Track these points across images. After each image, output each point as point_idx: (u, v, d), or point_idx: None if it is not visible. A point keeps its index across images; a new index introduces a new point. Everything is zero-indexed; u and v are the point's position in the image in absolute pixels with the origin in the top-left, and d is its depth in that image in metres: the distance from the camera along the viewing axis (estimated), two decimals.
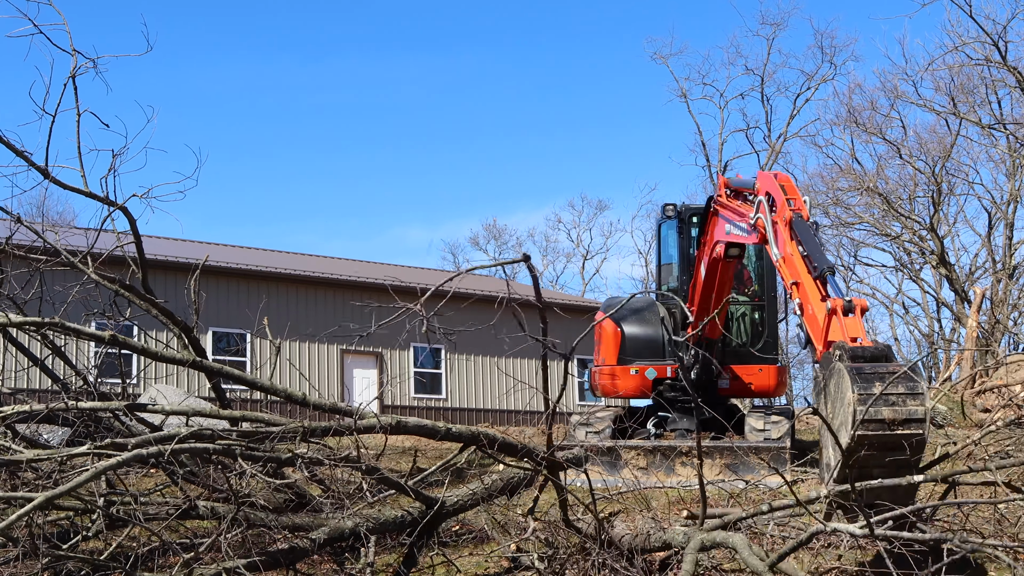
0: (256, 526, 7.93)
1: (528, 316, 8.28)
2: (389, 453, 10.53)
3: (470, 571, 8.76)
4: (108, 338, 8.03)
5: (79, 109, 7.97)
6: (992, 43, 30.11)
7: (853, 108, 37.71)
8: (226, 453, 7.52)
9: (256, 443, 7.67)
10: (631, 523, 8.52)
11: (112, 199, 8.28)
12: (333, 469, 8.35)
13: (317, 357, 27.22)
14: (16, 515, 6.29)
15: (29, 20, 7.79)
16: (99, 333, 8.09)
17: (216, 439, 7.51)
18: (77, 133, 8.01)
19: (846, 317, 7.93)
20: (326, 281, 27.90)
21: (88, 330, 8.13)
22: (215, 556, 7.65)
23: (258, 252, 31.62)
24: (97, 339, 8.09)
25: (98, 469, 6.72)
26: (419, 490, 8.69)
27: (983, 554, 8.39)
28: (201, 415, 8.05)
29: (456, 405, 29.34)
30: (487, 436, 8.52)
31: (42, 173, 7.97)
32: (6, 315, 8.20)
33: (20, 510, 6.33)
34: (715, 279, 11.43)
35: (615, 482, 10.35)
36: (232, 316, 25.08)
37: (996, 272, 34.84)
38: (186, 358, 8.42)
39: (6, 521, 6.31)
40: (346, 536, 8.43)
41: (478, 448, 8.70)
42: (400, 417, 8.22)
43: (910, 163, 36.13)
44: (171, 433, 7.35)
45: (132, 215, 8.54)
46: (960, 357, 23.39)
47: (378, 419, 7.96)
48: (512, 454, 8.56)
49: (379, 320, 7.73)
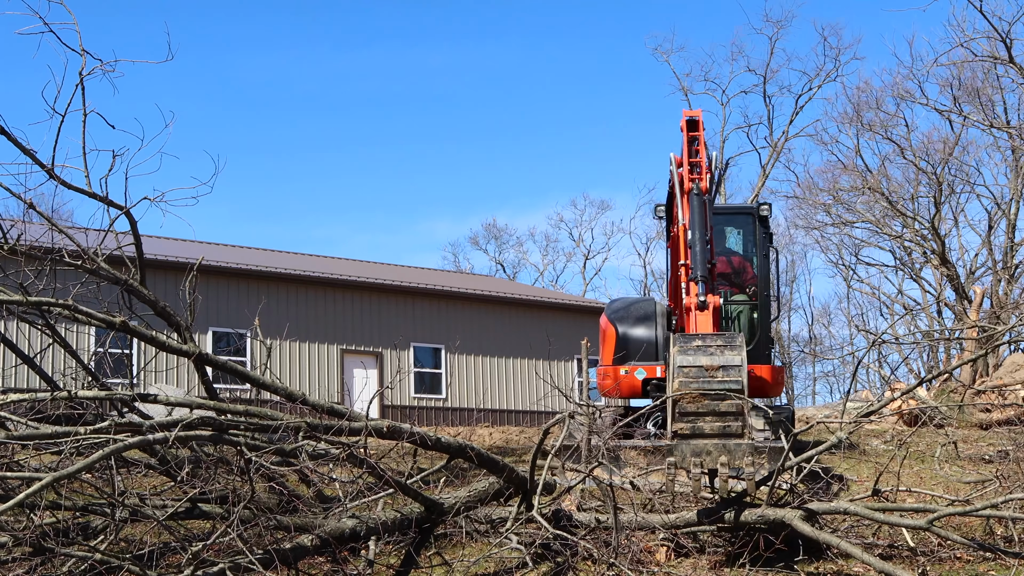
0: (256, 526, 7.93)
1: (528, 316, 8.25)
2: (389, 452, 10.53)
3: (470, 571, 8.78)
4: (119, 324, 8.00)
5: (86, 110, 8.00)
6: (1000, 38, 30.06)
7: (859, 106, 37.72)
8: (231, 442, 7.52)
9: (261, 431, 7.71)
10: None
11: (112, 200, 8.28)
12: (334, 469, 8.36)
13: (317, 357, 27.23)
14: (25, 493, 6.28)
15: (40, 18, 7.79)
16: (110, 318, 8.05)
17: (225, 428, 7.53)
18: (83, 133, 8.03)
19: (700, 313, 9.86)
20: (326, 281, 27.91)
21: (100, 315, 8.10)
22: (217, 555, 7.65)
23: (258, 252, 31.62)
24: (108, 324, 8.05)
25: (106, 451, 6.72)
26: (419, 491, 8.71)
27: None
28: (205, 408, 8.03)
29: (456, 405, 29.34)
30: (473, 450, 8.63)
31: (47, 172, 7.97)
32: (23, 293, 8.20)
33: (30, 488, 6.32)
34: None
35: (620, 482, 10.39)
36: (232, 316, 25.09)
37: (997, 272, 34.84)
38: (191, 350, 8.41)
39: (15, 499, 6.30)
40: (346, 536, 8.44)
41: (465, 460, 8.82)
42: (394, 423, 8.24)
43: (913, 163, 36.14)
44: (177, 419, 7.35)
45: (133, 217, 8.56)
46: (960, 357, 23.39)
47: (369, 423, 7.98)
48: (493, 470, 8.70)
49: (380, 320, 7.69)
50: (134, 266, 8.63)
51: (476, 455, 8.65)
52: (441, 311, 29.95)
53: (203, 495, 8.26)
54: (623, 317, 14.14)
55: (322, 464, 8.94)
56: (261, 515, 7.89)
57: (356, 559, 8.59)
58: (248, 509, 7.68)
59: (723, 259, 13.76)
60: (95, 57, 8.08)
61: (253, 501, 7.75)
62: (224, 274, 25.49)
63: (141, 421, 7.41)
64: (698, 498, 9.17)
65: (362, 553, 8.60)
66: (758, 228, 13.89)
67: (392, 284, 29.05)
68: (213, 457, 8.41)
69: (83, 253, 8.32)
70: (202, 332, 24.73)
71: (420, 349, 29.24)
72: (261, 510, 8.02)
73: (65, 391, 7.81)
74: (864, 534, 9.32)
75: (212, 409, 8.05)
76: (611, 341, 14.07)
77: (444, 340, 29.59)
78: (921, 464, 12.96)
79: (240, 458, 7.71)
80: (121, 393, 8.23)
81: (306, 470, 8.57)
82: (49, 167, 7.94)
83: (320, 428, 7.88)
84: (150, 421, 7.35)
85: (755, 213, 13.96)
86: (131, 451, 8.46)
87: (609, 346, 14.11)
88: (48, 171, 7.97)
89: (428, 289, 29.93)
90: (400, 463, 10.36)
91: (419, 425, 12.15)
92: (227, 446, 7.90)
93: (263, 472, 8.20)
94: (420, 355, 29.30)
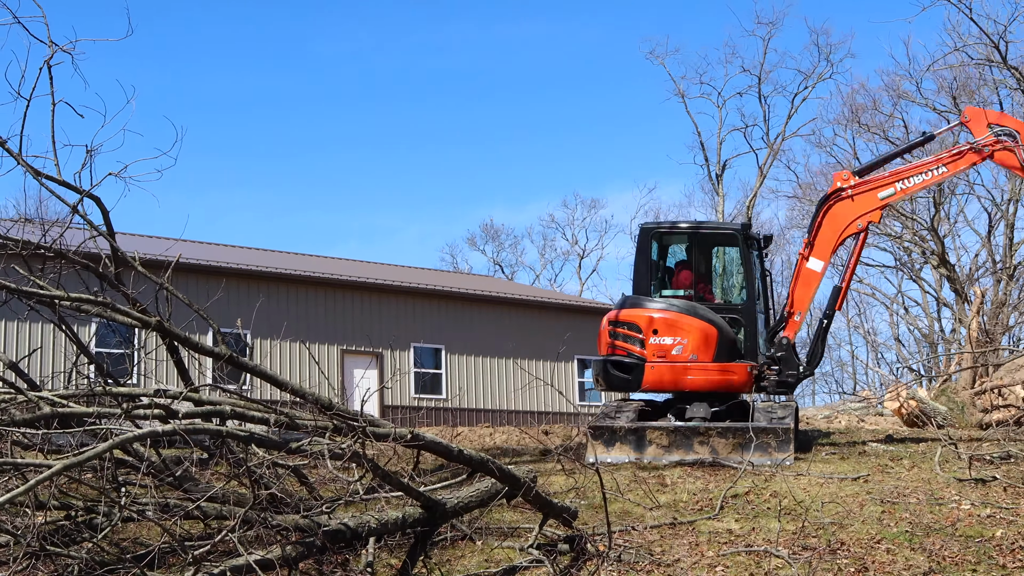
0: (256, 525, 7.92)
1: (528, 316, 8.25)
2: (390, 452, 10.54)
3: (470, 571, 8.78)
4: (155, 324, 7.99)
5: (54, 99, 8.10)
6: (993, 44, 30.11)
7: (855, 107, 37.75)
8: (240, 438, 7.50)
9: (292, 429, 7.73)
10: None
11: (80, 187, 8.29)
12: (336, 468, 8.35)
13: (317, 357, 27.20)
14: (36, 480, 6.25)
15: (8, 10, 7.84)
16: (147, 318, 8.05)
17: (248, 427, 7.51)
18: (52, 122, 8.09)
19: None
20: (326, 281, 27.91)
21: (135, 313, 8.10)
22: (218, 557, 7.65)
23: (257, 252, 31.62)
24: (144, 324, 8.06)
25: (116, 441, 6.70)
26: (420, 491, 8.69)
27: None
28: (234, 405, 8.00)
29: (456, 405, 29.34)
30: (495, 464, 8.68)
31: (15, 158, 7.97)
32: (63, 290, 8.21)
33: (40, 475, 6.29)
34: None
35: (646, 458, 12.91)
36: (232, 316, 25.07)
37: (996, 272, 34.86)
38: (223, 352, 8.38)
39: (26, 486, 6.28)
40: (347, 536, 8.43)
41: (485, 474, 8.82)
42: (416, 431, 8.20)
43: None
44: (188, 410, 7.35)
45: (105, 206, 8.60)
46: (960, 357, 23.38)
47: (395, 431, 7.98)
48: (514, 486, 8.76)
49: (381, 320, 7.70)
50: (109, 261, 8.67)
51: (497, 469, 8.68)
52: (441, 311, 29.95)
53: (211, 496, 8.24)
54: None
55: (322, 464, 8.93)
56: (263, 513, 7.89)
57: (356, 559, 8.59)
58: (252, 510, 7.68)
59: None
60: (65, 50, 8.17)
61: (258, 501, 7.75)
62: (224, 274, 25.47)
63: (175, 409, 7.39)
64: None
65: (362, 554, 8.59)
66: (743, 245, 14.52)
67: (392, 284, 29.05)
68: (231, 458, 8.38)
69: (121, 255, 8.32)
70: (202, 333, 24.73)
71: (420, 349, 29.24)
72: (265, 508, 8.02)
73: (98, 386, 7.81)
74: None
75: (242, 406, 8.01)
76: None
77: (444, 340, 29.59)
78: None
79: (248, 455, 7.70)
80: (145, 390, 8.24)
81: (306, 470, 8.56)
82: (17, 153, 7.94)
83: (344, 430, 7.88)
84: (183, 410, 7.35)
85: (741, 233, 14.62)
86: (130, 453, 8.53)
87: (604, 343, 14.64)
88: (17, 157, 7.96)
89: (428, 289, 29.93)
90: (399, 462, 10.37)
91: (419, 426, 12.16)
92: (238, 444, 7.89)
93: (271, 472, 8.23)
94: (420, 355, 29.30)
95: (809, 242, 14.22)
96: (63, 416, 7.44)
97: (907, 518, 9.91)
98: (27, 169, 8.06)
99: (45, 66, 7.96)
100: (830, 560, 8.81)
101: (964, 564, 8.72)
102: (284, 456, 8.13)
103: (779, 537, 9.27)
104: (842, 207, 14.12)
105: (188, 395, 7.77)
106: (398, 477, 8.42)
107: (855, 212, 14.08)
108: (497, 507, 9.39)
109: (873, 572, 8.58)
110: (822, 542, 9.26)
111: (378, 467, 7.98)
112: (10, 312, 14.46)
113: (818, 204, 14.65)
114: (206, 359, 9.19)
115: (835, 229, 14.10)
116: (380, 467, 8.05)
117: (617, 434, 13.08)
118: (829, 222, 14.13)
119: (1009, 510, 10.06)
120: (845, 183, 14.16)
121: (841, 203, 14.12)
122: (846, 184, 14.15)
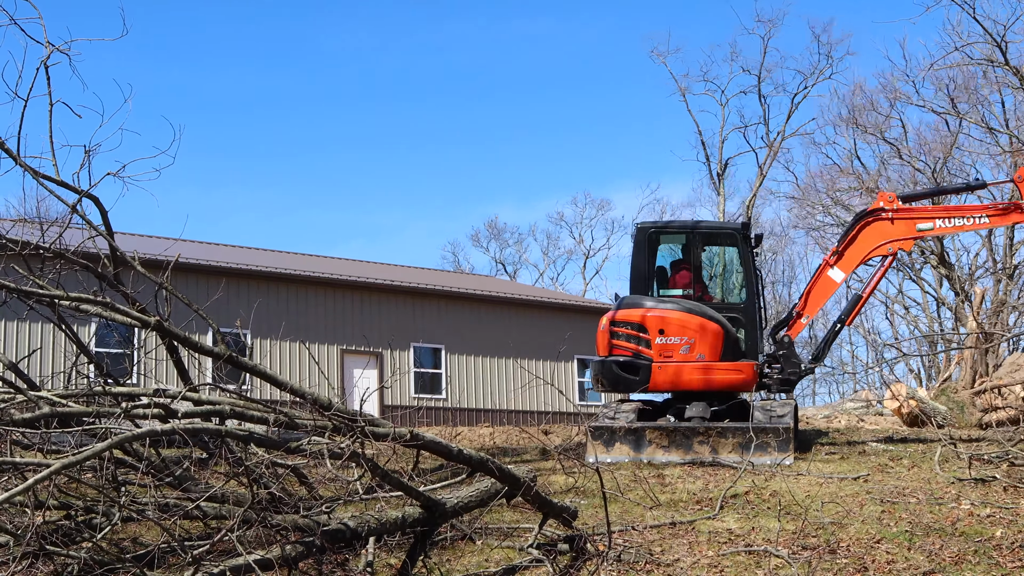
0: (256, 525, 7.92)
1: (528, 316, 8.25)
2: (389, 452, 10.53)
3: (470, 571, 8.78)
4: (154, 324, 7.99)
5: (52, 99, 8.12)
6: (995, 43, 30.06)
7: (854, 108, 37.78)
8: (239, 437, 7.49)
9: (291, 428, 7.72)
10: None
11: (79, 187, 8.30)
12: (335, 467, 8.35)
13: (316, 356, 27.19)
14: (35, 479, 6.24)
15: (4, 11, 7.85)
16: (146, 318, 8.03)
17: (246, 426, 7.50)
18: (50, 122, 8.12)
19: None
20: (326, 281, 27.89)
21: (135, 313, 8.07)
22: (216, 556, 7.65)
23: (257, 252, 31.61)
24: (143, 324, 8.05)
25: (115, 440, 6.69)
26: (420, 490, 8.69)
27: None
28: (233, 404, 7.99)
29: (456, 405, 29.32)
30: (495, 464, 8.65)
31: (13, 158, 7.97)
32: (63, 290, 8.17)
33: (39, 474, 6.29)
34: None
35: (646, 458, 12.95)
36: (231, 316, 25.05)
37: (996, 272, 34.85)
38: (222, 352, 8.37)
39: (24, 485, 6.27)
40: (347, 536, 8.42)
41: (485, 473, 8.82)
42: (416, 430, 8.18)
43: (910, 163, 36.15)
44: (188, 410, 7.34)
45: (103, 206, 8.60)
46: (960, 357, 23.39)
47: (395, 430, 7.97)
48: (514, 486, 8.74)
49: (381, 320, 7.71)
50: (108, 261, 8.67)
51: (497, 469, 8.66)
52: (441, 311, 29.93)
53: (210, 496, 8.24)
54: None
55: (321, 464, 8.93)
56: (263, 513, 7.89)
57: (356, 559, 8.58)
58: (251, 510, 7.67)
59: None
60: (61, 50, 8.18)
61: (257, 501, 7.75)
62: (224, 274, 25.46)
63: (175, 408, 7.38)
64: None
65: (362, 554, 8.59)
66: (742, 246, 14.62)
67: (392, 284, 29.03)
68: (231, 457, 8.38)
69: (120, 255, 8.31)
70: (202, 332, 24.72)
71: (420, 349, 29.22)
72: (264, 508, 8.01)
73: (99, 387, 7.79)
74: None
75: (243, 406, 8.01)
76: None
77: (444, 340, 29.58)
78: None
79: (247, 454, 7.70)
80: (145, 389, 8.21)
81: (306, 470, 8.55)
82: (15, 153, 7.95)
83: (343, 429, 7.87)
84: (182, 410, 7.34)
85: (740, 232, 14.71)
86: (130, 452, 8.53)
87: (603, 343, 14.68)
88: (14, 157, 7.96)
89: (428, 289, 29.92)
90: (399, 462, 10.36)
91: (419, 426, 12.17)
92: (236, 444, 7.89)
93: (271, 472, 8.22)
94: (420, 355, 29.29)
95: (837, 251, 14.26)
96: (62, 416, 7.42)
97: (907, 518, 9.91)
98: (26, 169, 8.06)
99: (42, 66, 7.97)
100: (830, 560, 8.80)
101: (964, 564, 8.71)
102: (283, 456, 8.13)
103: (779, 537, 9.27)
104: (879, 227, 14.10)
105: (187, 395, 7.74)
106: (398, 477, 8.41)
107: (890, 235, 14.08)
108: (497, 507, 9.37)
109: (873, 572, 8.57)
110: (822, 542, 9.26)
111: (377, 467, 7.97)
112: (10, 312, 14.47)
113: (856, 217, 14.70)
114: (206, 359, 9.15)
115: (866, 246, 14.14)
116: (379, 467, 8.04)
117: (617, 434, 13.14)
118: (863, 238, 14.15)
119: (1009, 510, 10.06)
120: (889, 204, 14.12)
121: (880, 223, 14.11)
122: (889, 206, 14.11)
